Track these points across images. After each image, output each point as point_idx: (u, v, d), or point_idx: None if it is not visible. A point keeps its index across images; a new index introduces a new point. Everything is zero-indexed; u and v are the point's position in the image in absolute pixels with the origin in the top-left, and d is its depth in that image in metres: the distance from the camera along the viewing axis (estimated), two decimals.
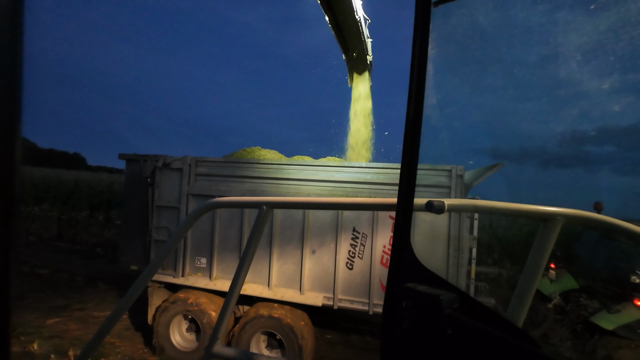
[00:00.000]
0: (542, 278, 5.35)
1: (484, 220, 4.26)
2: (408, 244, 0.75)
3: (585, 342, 4.05)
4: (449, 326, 0.61)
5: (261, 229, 1.09)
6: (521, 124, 2.03)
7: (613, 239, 4.73)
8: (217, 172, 4.64)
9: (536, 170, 2.52)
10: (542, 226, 0.80)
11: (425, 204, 0.75)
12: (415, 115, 0.74)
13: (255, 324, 4.18)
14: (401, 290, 0.71)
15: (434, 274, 0.72)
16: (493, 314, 0.63)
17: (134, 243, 4.99)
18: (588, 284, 4.76)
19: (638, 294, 3.84)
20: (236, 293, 1.10)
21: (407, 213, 0.76)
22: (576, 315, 4.33)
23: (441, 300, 0.63)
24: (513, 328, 0.61)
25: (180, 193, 4.67)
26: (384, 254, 4.05)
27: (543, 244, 0.80)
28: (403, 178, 0.76)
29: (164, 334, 4.54)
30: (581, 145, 2.55)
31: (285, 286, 4.35)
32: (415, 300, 0.68)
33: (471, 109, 1.42)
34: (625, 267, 4.28)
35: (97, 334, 1.12)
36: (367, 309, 4.06)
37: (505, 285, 6.02)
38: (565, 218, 0.80)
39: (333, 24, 4.88)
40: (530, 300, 0.79)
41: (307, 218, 4.26)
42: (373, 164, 4.38)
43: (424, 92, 0.73)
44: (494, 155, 3.65)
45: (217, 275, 4.58)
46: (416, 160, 0.75)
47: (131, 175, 5.01)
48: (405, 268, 0.75)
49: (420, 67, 0.73)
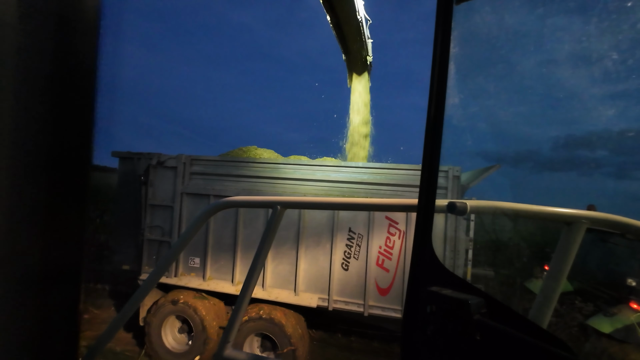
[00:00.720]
0: (537, 280, 5.35)
1: (480, 222, 4.25)
2: (429, 245, 0.73)
3: (581, 344, 4.04)
4: (478, 331, 0.59)
5: (275, 229, 1.08)
6: (521, 127, 2.02)
7: (607, 241, 4.74)
8: (213, 171, 4.58)
9: (531, 173, 2.52)
10: (565, 229, 0.78)
11: (447, 205, 0.74)
12: (437, 115, 0.72)
13: (249, 326, 4.12)
14: (424, 294, 0.69)
15: (457, 276, 0.70)
16: (522, 319, 0.61)
17: (126, 242, 4.91)
18: (582, 286, 4.76)
19: (634, 297, 3.84)
20: (249, 294, 1.09)
21: (429, 214, 0.74)
22: (571, 318, 4.32)
23: (470, 305, 0.61)
24: (544, 333, 0.59)
25: (175, 192, 4.61)
26: (380, 255, 4.01)
27: (567, 246, 0.78)
28: (424, 178, 0.75)
29: (156, 335, 4.46)
30: (575, 149, 2.55)
31: (280, 287, 4.29)
32: (441, 305, 0.65)
33: (476, 111, 1.41)
34: (620, 270, 4.28)
35: (101, 338, 1.11)
36: (362, 311, 4.02)
37: (500, 287, 6.00)
38: (590, 221, 0.78)
39: (334, 24, 4.86)
40: (554, 303, 0.78)
41: (302, 218, 4.21)
42: (369, 164, 4.36)
43: (446, 92, 0.72)
44: (491, 158, 3.65)
45: (210, 276, 4.52)
46: (437, 161, 0.73)
47: (124, 173, 4.94)
48: (427, 270, 0.73)
49: (441, 67, 0.71)
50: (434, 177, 0.75)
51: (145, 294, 1.16)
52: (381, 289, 4.02)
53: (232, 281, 4.42)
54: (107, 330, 1.12)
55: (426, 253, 0.73)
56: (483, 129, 1.62)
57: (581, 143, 2.50)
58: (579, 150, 2.59)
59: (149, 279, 1.14)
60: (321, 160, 5.01)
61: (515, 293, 5.40)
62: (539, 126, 2.21)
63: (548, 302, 0.78)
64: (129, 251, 4.87)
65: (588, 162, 2.49)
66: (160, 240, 4.64)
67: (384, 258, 4.01)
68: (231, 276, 4.43)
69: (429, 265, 0.73)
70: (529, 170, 2.52)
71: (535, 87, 1.58)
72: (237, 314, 1.08)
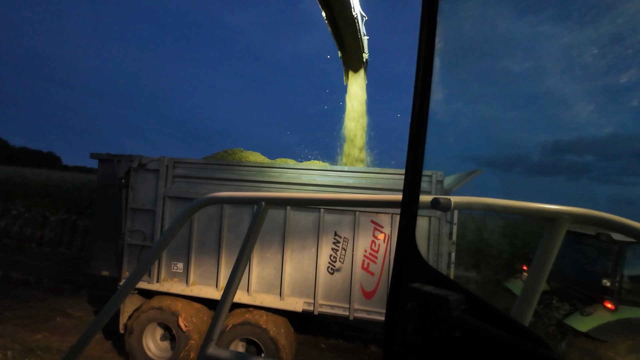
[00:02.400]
0: (515, 280, 5.49)
1: (463, 225, 4.34)
2: (413, 242, 0.72)
3: (558, 343, 4.17)
4: (458, 328, 0.59)
5: (259, 226, 1.05)
6: (508, 132, 2.05)
7: (582, 243, 4.92)
8: (196, 174, 4.50)
9: (520, 178, 2.57)
10: (548, 225, 0.79)
11: (430, 201, 0.73)
12: (421, 113, 0.71)
13: (234, 331, 4.06)
14: (406, 291, 0.68)
15: (440, 273, 0.69)
16: (502, 316, 0.61)
17: (105, 247, 4.76)
18: (559, 286, 4.92)
19: (608, 297, 4.00)
20: (232, 292, 1.06)
21: (412, 211, 0.73)
22: (548, 317, 4.45)
23: (450, 302, 0.60)
24: (524, 330, 0.59)
25: (157, 195, 4.50)
26: (365, 259, 4.03)
27: (549, 243, 0.78)
28: (408, 176, 0.74)
29: (137, 343, 4.34)
30: (563, 154, 2.61)
31: (265, 292, 4.25)
32: (421, 302, 0.64)
33: (465, 115, 1.42)
34: (595, 270, 4.45)
35: (76, 345, 1.08)
36: (348, 314, 4.02)
37: (483, 289, 6.14)
38: (572, 217, 0.78)
39: (329, 20, 4.78)
40: (536, 301, 0.78)
41: (288, 222, 4.19)
42: (355, 167, 4.38)
43: (430, 92, 0.71)
44: (478, 162, 3.72)
45: (194, 281, 4.43)
46: (421, 159, 0.72)
47: (104, 176, 4.79)
48: (410, 268, 0.72)
49: (425, 67, 0.70)
50: (417, 174, 0.74)
51: (124, 297, 1.12)
52: (366, 292, 4.04)
53: (216, 286, 4.35)
54: (85, 334, 1.09)
55: (409, 250, 0.72)
56: (469, 133, 1.64)
57: (569, 148, 2.58)
58: (566, 155, 2.67)
59: (129, 280, 1.11)
60: (308, 164, 5.00)
61: (495, 293, 5.53)
62: (528, 131, 2.26)
63: (530, 299, 0.78)
64: (108, 256, 4.72)
65: (576, 167, 2.58)
66: (142, 245, 4.51)
67: (369, 262, 4.03)
68: (215, 281, 4.35)
69: (412, 262, 0.72)
70: (518, 175, 2.57)
71: (524, 90, 1.60)
72: (221, 311, 1.06)
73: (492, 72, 1.29)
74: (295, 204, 1.12)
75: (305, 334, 5.54)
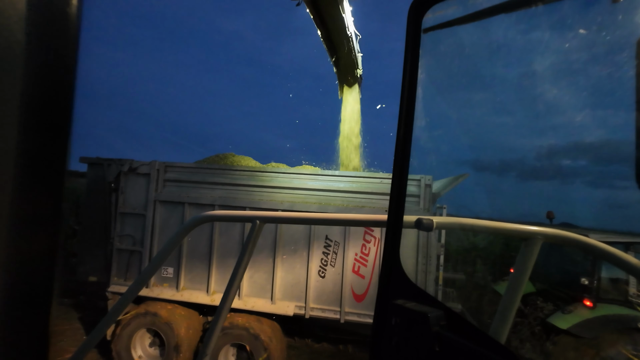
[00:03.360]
0: (503, 282, 5.65)
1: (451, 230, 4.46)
2: (397, 260, 0.76)
3: (543, 342, 4.30)
4: (437, 343, 0.62)
5: (254, 244, 1.10)
6: (501, 138, 2.12)
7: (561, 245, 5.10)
8: (188, 178, 4.50)
9: (515, 182, 2.64)
10: (523, 244, 0.83)
11: (414, 221, 0.77)
12: (405, 136, 0.76)
13: (225, 336, 4.05)
14: (390, 307, 0.72)
15: (422, 290, 0.73)
16: (479, 332, 0.65)
17: (93, 252, 4.68)
18: (544, 287, 5.09)
19: (587, 295, 4.16)
20: (227, 308, 1.09)
21: (397, 230, 0.77)
22: (534, 317, 4.59)
23: (429, 318, 0.64)
24: (498, 346, 0.64)
25: (147, 199, 4.47)
26: (356, 262, 4.10)
27: (524, 261, 0.82)
28: (393, 196, 0.78)
29: (125, 350, 4.27)
30: (557, 159, 2.69)
31: (256, 296, 4.25)
32: (403, 318, 0.69)
33: (454, 127, 1.48)
34: (576, 270, 4.63)
35: (74, 356, 1.08)
36: (339, 317, 4.06)
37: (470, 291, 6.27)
38: (545, 237, 0.83)
39: (325, 38, 4.97)
40: (512, 317, 0.82)
41: (280, 226, 4.22)
42: (345, 172, 4.46)
43: (414, 113, 0.76)
44: (473, 167, 3.83)
45: (184, 286, 4.40)
46: (405, 180, 0.77)
47: (93, 180, 4.73)
48: (394, 284, 0.76)
49: (410, 88, 0.76)
50: (402, 195, 0.79)
51: (121, 310, 1.14)
52: (357, 295, 4.09)
53: (207, 291, 4.33)
54: (82, 347, 1.08)
55: (394, 268, 0.76)
56: (460, 139, 1.71)
57: (562, 153, 2.66)
58: (561, 160, 2.74)
59: (127, 294, 1.12)
60: (299, 168, 5.05)
61: (483, 295, 5.67)
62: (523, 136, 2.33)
63: (507, 314, 0.81)
64: (96, 261, 4.65)
65: (568, 172, 2.67)
66: (131, 250, 4.47)
67: (359, 265, 4.10)
68: (206, 286, 4.34)
69: (396, 280, 0.76)
70: (513, 179, 2.63)
71: (515, 96, 1.67)
72: (215, 328, 1.08)
73: (481, 78, 1.37)
74: (290, 223, 1.16)
75: (296, 338, 5.53)
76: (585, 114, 1.34)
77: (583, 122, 1.47)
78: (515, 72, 1.44)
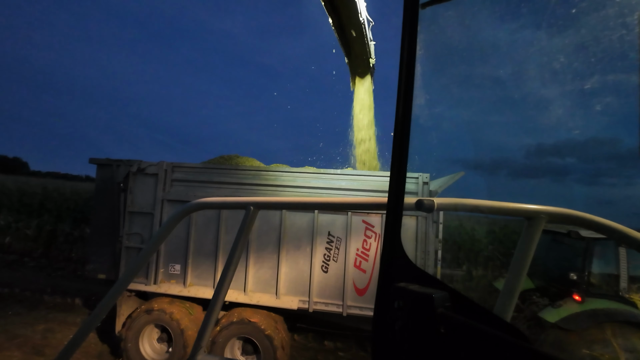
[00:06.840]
0: (503, 279, 5.82)
1: (449, 224, 4.63)
2: (399, 243, 0.74)
3: (536, 336, 4.46)
4: (442, 325, 0.60)
5: (248, 231, 1.07)
6: (493, 135, 2.17)
7: (555, 240, 5.29)
8: (194, 178, 4.66)
9: (506, 179, 2.71)
10: (526, 224, 0.82)
11: (415, 203, 0.76)
12: (405, 116, 0.74)
13: (231, 330, 4.18)
14: (393, 290, 0.69)
15: (425, 272, 0.71)
16: (484, 311, 0.64)
17: (102, 250, 4.82)
18: (540, 283, 5.25)
19: (576, 289, 4.34)
20: (221, 298, 1.06)
21: (398, 212, 0.75)
22: (527, 312, 4.76)
23: (434, 299, 0.62)
24: (504, 324, 0.62)
25: (155, 199, 4.62)
26: (357, 257, 4.26)
27: (527, 241, 0.81)
28: (393, 178, 0.76)
29: (133, 345, 4.38)
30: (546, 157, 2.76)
31: (261, 291, 4.40)
32: (407, 300, 0.66)
33: (448, 119, 1.50)
34: (566, 265, 4.81)
35: (66, 348, 1.07)
36: (341, 311, 4.22)
37: (468, 284, 6.43)
38: (548, 216, 0.82)
39: (336, 26, 4.82)
40: (517, 297, 0.81)
41: (283, 223, 4.38)
42: (346, 170, 4.64)
43: (413, 94, 0.73)
44: (465, 165, 3.97)
45: (191, 282, 4.54)
46: (405, 161, 0.75)
47: (102, 180, 4.88)
48: (396, 267, 0.74)
49: (408, 70, 0.73)
50: (402, 176, 0.76)
51: (115, 299, 1.11)
52: (359, 289, 4.25)
53: (213, 287, 4.47)
54: (77, 335, 1.08)
55: (395, 250, 0.74)
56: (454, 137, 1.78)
57: (552, 151, 2.75)
58: (550, 158, 2.82)
59: (120, 282, 1.11)
60: (301, 169, 5.23)
61: (480, 288, 5.83)
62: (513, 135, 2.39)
63: (511, 295, 0.80)
64: (105, 259, 4.78)
65: (559, 169, 2.74)
66: (139, 248, 4.60)
67: (361, 260, 4.26)
68: (212, 282, 4.48)
69: (398, 262, 0.74)
70: (503, 177, 2.69)
71: (506, 95, 1.70)
72: (210, 318, 1.05)
73: (474, 77, 1.42)
74: (284, 208, 1.15)
75: (300, 331, 5.66)
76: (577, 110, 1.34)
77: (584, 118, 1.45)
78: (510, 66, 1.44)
